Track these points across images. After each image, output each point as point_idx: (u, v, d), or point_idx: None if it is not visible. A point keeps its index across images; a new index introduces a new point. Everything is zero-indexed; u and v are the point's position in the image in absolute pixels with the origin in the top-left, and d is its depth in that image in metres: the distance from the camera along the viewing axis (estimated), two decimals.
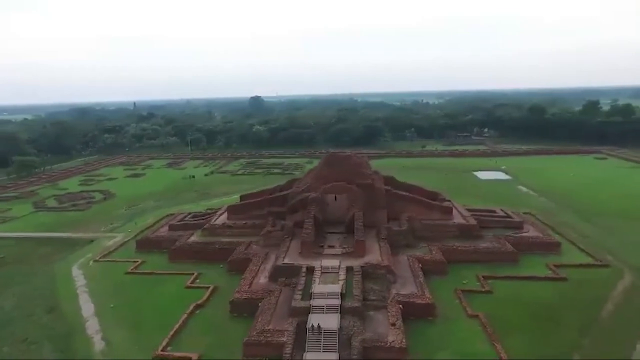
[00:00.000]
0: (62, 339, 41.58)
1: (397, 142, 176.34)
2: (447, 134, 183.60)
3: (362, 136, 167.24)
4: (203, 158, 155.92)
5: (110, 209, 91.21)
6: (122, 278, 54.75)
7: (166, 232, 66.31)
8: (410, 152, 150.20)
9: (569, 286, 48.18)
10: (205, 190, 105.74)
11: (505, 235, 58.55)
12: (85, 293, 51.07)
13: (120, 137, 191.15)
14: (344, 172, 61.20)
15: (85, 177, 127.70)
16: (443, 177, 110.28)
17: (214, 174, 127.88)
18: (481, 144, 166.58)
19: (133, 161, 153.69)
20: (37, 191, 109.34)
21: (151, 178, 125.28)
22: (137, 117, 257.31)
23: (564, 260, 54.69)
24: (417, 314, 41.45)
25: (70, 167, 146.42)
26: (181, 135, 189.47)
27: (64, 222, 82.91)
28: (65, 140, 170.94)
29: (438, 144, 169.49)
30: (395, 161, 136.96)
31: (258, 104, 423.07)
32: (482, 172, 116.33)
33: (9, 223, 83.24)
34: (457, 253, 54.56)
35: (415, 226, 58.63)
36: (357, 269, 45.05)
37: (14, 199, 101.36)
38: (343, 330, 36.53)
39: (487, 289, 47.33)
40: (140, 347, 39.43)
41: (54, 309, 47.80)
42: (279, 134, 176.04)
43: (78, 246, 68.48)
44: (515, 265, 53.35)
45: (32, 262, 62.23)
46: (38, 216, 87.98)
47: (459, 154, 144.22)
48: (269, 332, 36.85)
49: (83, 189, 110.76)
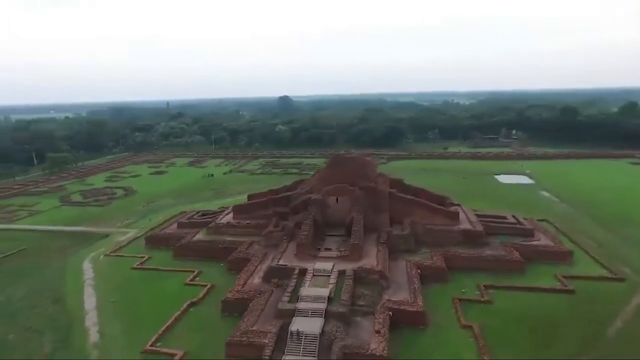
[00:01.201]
0: (63, 330, 43.45)
1: (419, 143, 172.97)
2: (472, 136, 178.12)
3: (383, 137, 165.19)
4: (224, 157, 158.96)
5: (130, 205, 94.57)
6: (128, 273, 56.60)
7: (174, 230, 68.00)
8: (431, 153, 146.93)
9: (576, 299, 45.56)
10: (222, 189, 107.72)
11: (513, 242, 56.14)
12: (91, 286, 53.17)
13: (150, 136, 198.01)
14: (348, 174, 60.58)
15: (111, 173, 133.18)
16: (461, 180, 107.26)
17: (232, 173, 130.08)
18: (507, 147, 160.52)
19: (158, 159, 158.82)
20: (66, 186, 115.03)
21: (172, 176, 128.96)
22: (167, 116, 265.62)
23: (575, 271, 51.81)
24: (408, 321, 40.44)
25: (99, 163, 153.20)
26: (206, 134, 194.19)
27: (85, 216, 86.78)
28: (98, 138, 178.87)
29: (462, 146, 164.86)
30: (414, 163, 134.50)
31: (286, 103, 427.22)
32: (503, 175, 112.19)
33: (35, 216, 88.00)
34: (460, 260, 52.82)
35: (417, 231, 57.25)
36: (349, 273, 44.47)
37: (44, 194, 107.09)
38: (325, 335, 36.16)
39: (486, 299, 45.52)
40: (132, 342, 40.59)
41: (60, 300, 50.10)
42: (300, 134, 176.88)
43: (93, 240, 71.46)
44: (521, 275, 51.04)
45: (49, 255, 65.41)
46: (62, 210, 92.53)
47: (482, 157, 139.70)
48: (251, 333, 37.01)
49: (108, 185, 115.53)
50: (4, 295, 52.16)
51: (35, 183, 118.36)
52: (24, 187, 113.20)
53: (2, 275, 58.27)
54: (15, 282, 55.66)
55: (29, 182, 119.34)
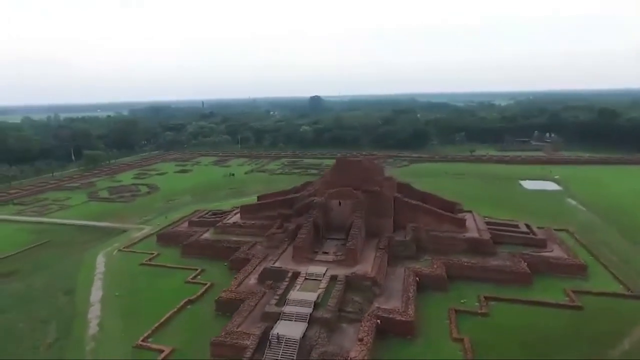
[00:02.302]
0: (67, 321, 45.81)
1: (445, 146, 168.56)
2: (503, 139, 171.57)
3: (408, 139, 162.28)
4: (248, 156, 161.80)
5: (151, 203, 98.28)
6: (135, 268, 58.83)
7: (185, 228, 70.00)
8: (455, 156, 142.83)
9: (582, 316, 42.95)
10: (240, 188, 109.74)
11: (522, 253, 53.61)
12: (100, 280, 55.73)
13: (180, 135, 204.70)
14: (353, 177, 60.02)
15: (139, 171, 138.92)
16: (483, 185, 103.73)
17: (253, 173, 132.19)
18: (539, 150, 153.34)
19: (185, 157, 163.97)
20: (96, 182, 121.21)
21: (196, 174, 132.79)
22: (199, 115, 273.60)
23: (587, 286, 48.83)
24: (396, 330, 39.64)
25: (130, 161, 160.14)
26: (233, 133, 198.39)
27: (109, 212, 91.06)
28: (130, 136, 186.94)
29: (491, 149, 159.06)
30: (436, 166, 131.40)
31: (317, 103, 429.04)
32: (529, 181, 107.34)
33: (64, 210, 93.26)
34: (463, 269, 51.13)
35: (421, 237, 55.92)
36: (341, 278, 44.10)
37: (75, 189, 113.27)
38: (306, 340, 36.08)
39: (483, 311, 43.76)
40: (127, 336, 42.17)
41: (70, 291, 52.89)
42: (324, 135, 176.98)
43: (112, 236, 74.89)
44: (527, 288, 48.69)
45: (70, 248, 69.21)
46: (89, 205, 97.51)
47: (509, 161, 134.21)
48: (235, 334, 37.51)
49: (134, 182, 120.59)
50: (25, 284, 55.75)
51: (70, 179, 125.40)
52: (59, 182, 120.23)
53: (26, 265, 62.31)
54: (36, 272, 59.36)
55: (65, 178, 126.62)
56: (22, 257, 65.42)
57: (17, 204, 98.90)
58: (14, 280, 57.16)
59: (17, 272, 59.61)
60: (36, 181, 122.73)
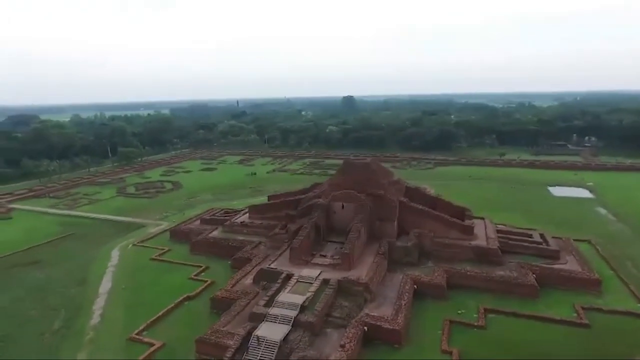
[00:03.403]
0: (74, 310, 48.36)
1: (474, 148, 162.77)
2: (538, 142, 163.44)
3: (435, 140, 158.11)
4: (273, 156, 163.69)
5: (173, 199, 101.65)
6: (145, 263, 61.13)
7: (196, 225, 71.82)
8: (483, 160, 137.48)
9: (588, 335, 40.22)
10: (259, 188, 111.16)
11: (532, 264, 50.90)
12: (111, 272, 58.40)
13: (211, 133, 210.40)
14: (358, 180, 59.32)
15: (167, 168, 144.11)
16: (508, 191, 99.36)
17: (275, 172, 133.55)
18: (576, 155, 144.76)
19: (212, 156, 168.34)
20: (125, 178, 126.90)
21: (220, 173, 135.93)
22: (231, 114, 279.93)
23: (600, 303, 45.63)
24: (383, 338, 38.89)
25: (160, 158, 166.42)
26: (261, 133, 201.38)
27: (133, 207, 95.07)
28: (163, 134, 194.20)
29: (524, 153, 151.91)
30: (461, 169, 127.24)
31: (350, 103, 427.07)
32: (558, 187, 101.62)
33: (93, 205, 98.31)
34: (465, 278, 49.32)
35: (425, 243, 54.41)
36: (332, 283, 43.73)
37: (106, 184, 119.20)
38: (287, 344, 36.08)
39: (480, 324, 41.98)
40: (125, 328, 43.95)
41: (83, 282, 55.75)
42: (350, 135, 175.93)
43: (130, 230, 78.16)
44: (533, 301, 46.29)
45: (91, 240, 72.82)
46: (116, 200, 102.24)
47: (540, 165, 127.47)
48: (220, 333, 38.12)
49: (161, 178, 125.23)
50: (45, 273, 59.34)
51: (102, 174, 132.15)
52: (92, 177, 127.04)
53: (49, 255, 66.22)
54: (56, 263, 62.97)
55: (98, 174, 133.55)
56: (47, 248, 69.59)
57: (52, 197, 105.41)
58: (36, 269, 60.91)
59: (39, 262, 63.50)
60: (72, 176, 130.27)
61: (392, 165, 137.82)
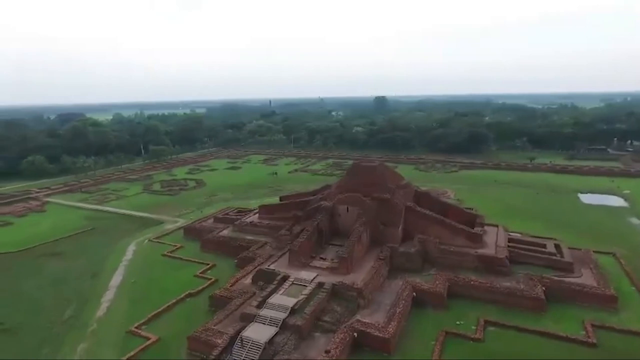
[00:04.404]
0: (84, 301, 50.84)
1: (504, 151, 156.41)
2: (575, 146, 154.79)
3: (462, 143, 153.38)
4: (297, 156, 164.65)
5: (194, 197, 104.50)
6: (157, 258, 63.30)
7: (209, 224, 73.47)
8: (511, 164, 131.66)
9: (592, 355, 37.75)
10: (279, 187, 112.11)
11: (543, 276, 48.33)
12: (124, 267, 60.87)
13: (239, 133, 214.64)
14: (365, 183, 58.56)
15: (194, 166, 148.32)
16: (532, 197, 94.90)
17: (297, 172, 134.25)
18: (615, 160, 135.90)
19: (237, 155, 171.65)
20: (153, 175, 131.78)
21: (244, 172, 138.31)
22: (261, 114, 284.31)
23: (613, 321, 42.71)
24: (373, 346, 38.27)
25: (188, 156, 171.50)
26: (289, 132, 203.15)
27: (155, 203, 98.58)
28: (193, 133, 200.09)
29: (557, 157, 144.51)
30: (487, 173, 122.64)
31: (381, 104, 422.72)
32: (590, 194, 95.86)
33: (119, 200, 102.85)
34: (468, 287, 47.60)
35: (429, 250, 52.98)
36: (326, 287, 43.50)
37: (135, 181, 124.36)
38: (273, 346, 36.24)
39: (477, 337, 40.35)
40: (127, 320, 45.72)
41: (97, 275, 58.45)
42: (376, 136, 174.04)
43: (149, 226, 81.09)
44: (539, 315, 44.00)
45: (112, 235, 76.11)
46: (141, 197, 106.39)
47: (573, 171, 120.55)
48: (211, 332, 38.83)
49: (186, 176, 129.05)
50: (65, 265, 62.75)
51: (132, 171, 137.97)
52: (123, 174, 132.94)
53: (71, 248, 69.94)
54: (76, 255, 66.41)
55: (129, 170, 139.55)
56: (71, 240, 73.52)
57: (84, 192, 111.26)
58: (58, 260, 64.54)
59: (62, 253, 67.23)
60: (105, 172, 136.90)
61: (415, 167, 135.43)
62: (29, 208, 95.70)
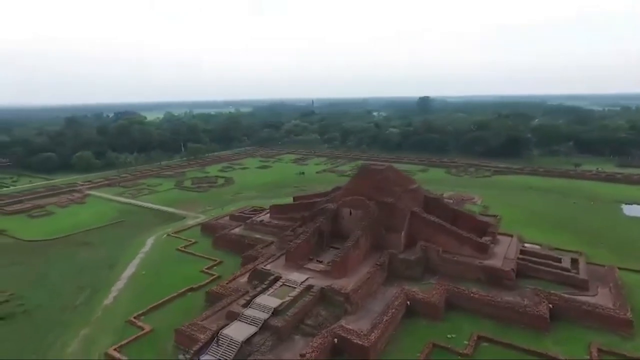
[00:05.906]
0: (96, 290, 54.19)
1: (547, 156, 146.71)
2: (629, 152, 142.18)
3: (500, 147, 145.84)
4: (328, 156, 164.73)
5: (220, 194, 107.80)
6: (171, 253, 66.04)
7: (225, 221, 75.56)
8: (551, 170, 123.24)
9: None
10: (303, 187, 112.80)
11: (550, 292, 45.04)
12: (139, 259, 64.10)
13: (277, 132, 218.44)
14: (371, 186, 57.61)
15: (228, 164, 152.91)
16: (568, 206, 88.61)
17: (325, 173, 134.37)
18: None
19: (270, 154, 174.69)
20: (186, 172, 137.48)
21: (273, 171, 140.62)
22: (300, 113, 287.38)
23: (625, 347, 38.92)
24: (353, 353, 37.56)
25: (224, 154, 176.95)
26: (324, 133, 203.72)
27: (183, 199, 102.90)
28: (231, 132, 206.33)
29: (607, 164, 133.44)
30: (522, 179, 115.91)
31: (425, 104, 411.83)
32: (635, 205, 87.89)
33: (151, 195, 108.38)
34: (468, 300, 45.38)
35: (431, 258, 51.12)
36: (314, 290, 43.32)
37: (169, 177, 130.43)
38: (249, 345, 36.71)
39: (466, 352, 38.38)
40: (129, 310, 48.09)
41: (113, 266, 62.03)
42: (410, 138, 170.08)
43: (172, 221, 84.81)
44: (541, 334, 41.05)
45: (137, 228, 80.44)
46: (172, 192, 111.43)
47: (621, 179, 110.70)
48: (196, 327, 40.00)
49: (218, 174, 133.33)
50: (88, 255, 67.08)
51: (169, 168, 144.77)
52: (159, 170, 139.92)
53: (98, 238, 74.79)
54: (101, 246, 70.91)
55: (166, 167, 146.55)
56: (99, 232, 78.63)
57: (121, 186, 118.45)
58: (85, 250, 69.24)
59: (89, 244, 72.08)
60: (144, 168, 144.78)
61: (446, 171, 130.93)
62: (72, 199, 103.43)
